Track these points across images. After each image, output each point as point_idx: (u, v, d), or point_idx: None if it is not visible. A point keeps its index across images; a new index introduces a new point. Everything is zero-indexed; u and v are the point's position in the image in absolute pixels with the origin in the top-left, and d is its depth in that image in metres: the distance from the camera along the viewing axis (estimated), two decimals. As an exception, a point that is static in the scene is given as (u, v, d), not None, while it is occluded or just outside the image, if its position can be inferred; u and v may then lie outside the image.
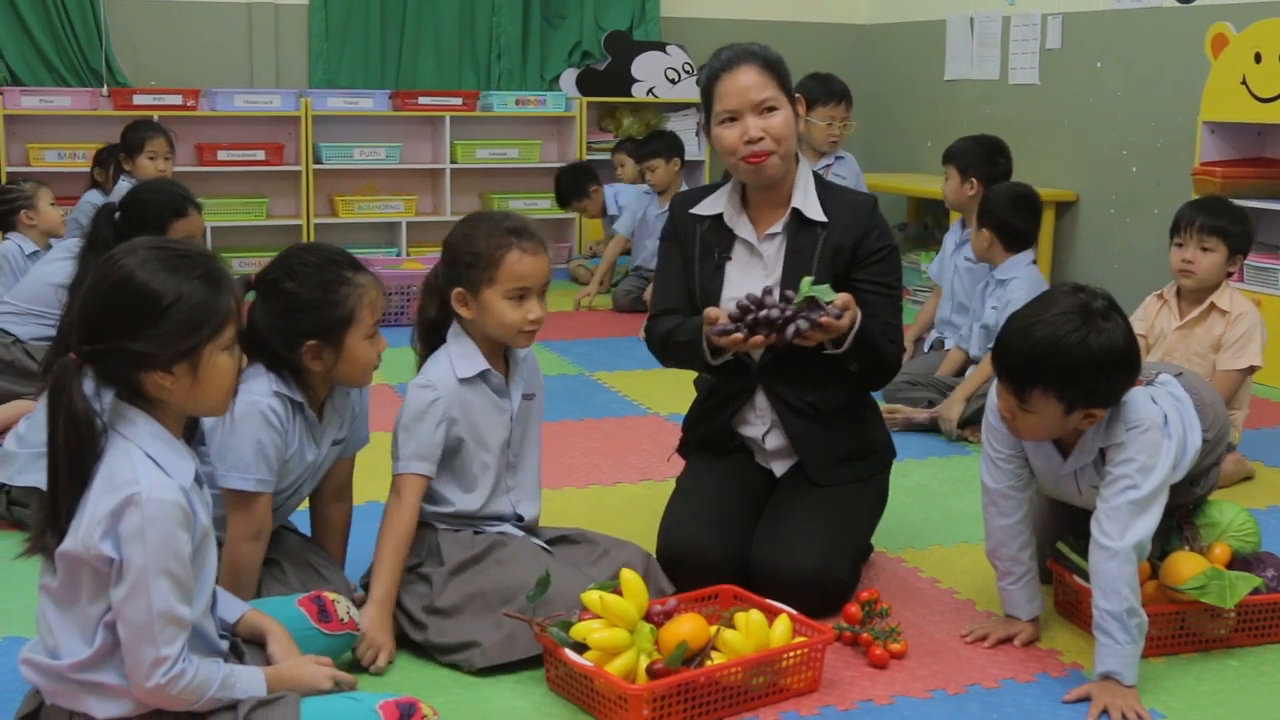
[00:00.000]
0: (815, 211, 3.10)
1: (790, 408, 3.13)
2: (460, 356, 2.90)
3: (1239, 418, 4.20)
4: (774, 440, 3.19)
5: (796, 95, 3.12)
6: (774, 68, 3.07)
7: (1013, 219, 4.68)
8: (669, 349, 3.17)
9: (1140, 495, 2.69)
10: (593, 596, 2.63)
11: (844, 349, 2.94)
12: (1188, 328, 4.20)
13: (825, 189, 3.16)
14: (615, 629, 2.58)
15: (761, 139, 3.02)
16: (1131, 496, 2.69)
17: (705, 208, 3.21)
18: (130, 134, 6.03)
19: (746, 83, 3.04)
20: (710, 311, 2.95)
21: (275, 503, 2.82)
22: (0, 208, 5.30)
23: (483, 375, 2.91)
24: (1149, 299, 4.37)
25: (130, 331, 2.15)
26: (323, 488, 2.96)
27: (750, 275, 3.12)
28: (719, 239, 3.17)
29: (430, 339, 2.97)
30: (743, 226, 3.16)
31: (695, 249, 3.19)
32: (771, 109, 3.04)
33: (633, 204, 7.24)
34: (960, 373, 4.89)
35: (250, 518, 2.71)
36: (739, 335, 2.86)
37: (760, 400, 3.17)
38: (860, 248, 3.08)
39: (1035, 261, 4.79)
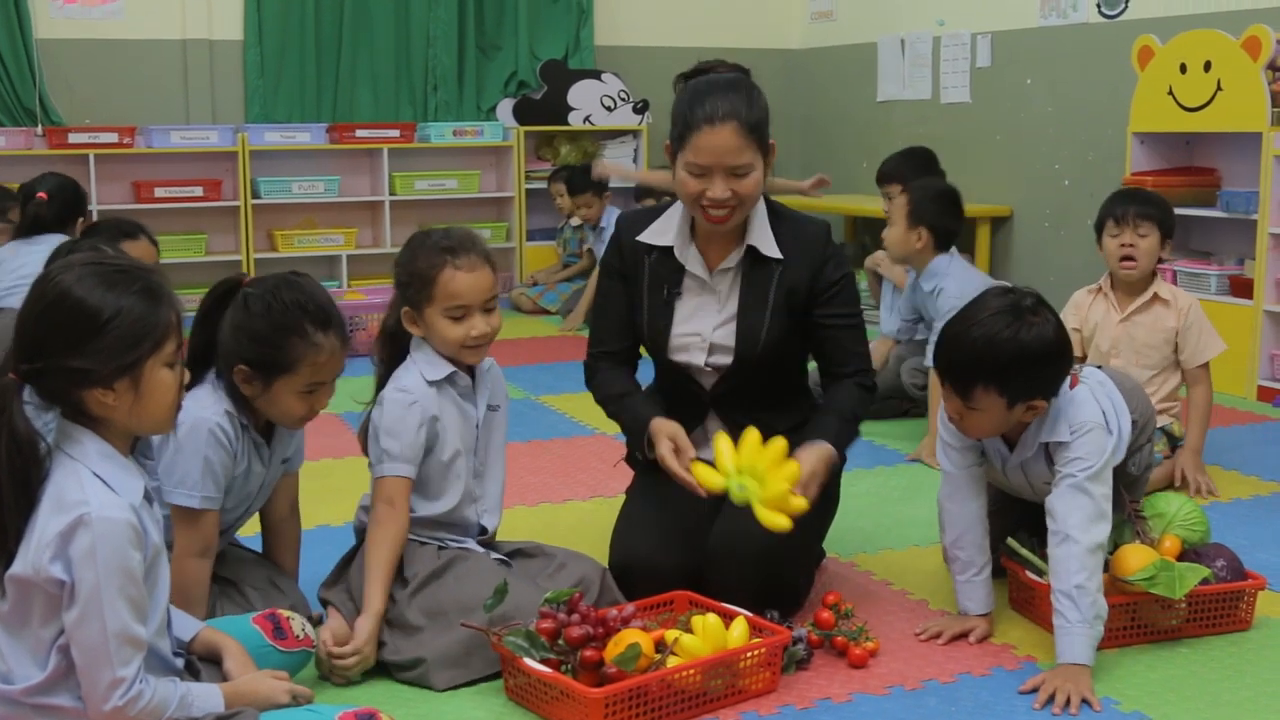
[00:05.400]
0: (770, 248, 3.03)
1: (744, 428, 3.14)
2: (426, 363, 2.91)
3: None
4: None
5: (771, 141, 2.98)
6: (756, 129, 2.90)
7: (949, 220, 4.61)
8: (609, 414, 3.17)
9: (1077, 481, 2.81)
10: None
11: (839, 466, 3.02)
12: (1131, 319, 4.20)
13: (779, 219, 3.08)
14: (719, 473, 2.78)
15: (727, 198, 2.91)
16: (1070, 483, 2.82)
17: (653, 236, 3.11)
18: None
19: (724, 145, 2.87)
20: (665, 451, 2.89)
21: (225, 521, 2.80)
22: None
23: (450, 378, 2.92)
24: (1078, 294, 4.34)
25: (69, 348, 2.13)
26: (274, 506, 2.94)
27: (702, 311, 3.09)
28: (668, 272, 3.09)
29: (389, 350, 2.97)
30: (693, 260, 3.08)
31: (644, 281, 3.12)
32: (744, 173, 2.91)
33: None
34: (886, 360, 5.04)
35: (196, 534, 2.69)
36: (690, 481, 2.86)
37: (712, 424, 3.17)
38: (817, 282, 3.03)
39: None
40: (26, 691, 2.17)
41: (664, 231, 3.10)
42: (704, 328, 3.07)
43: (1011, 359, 2.75)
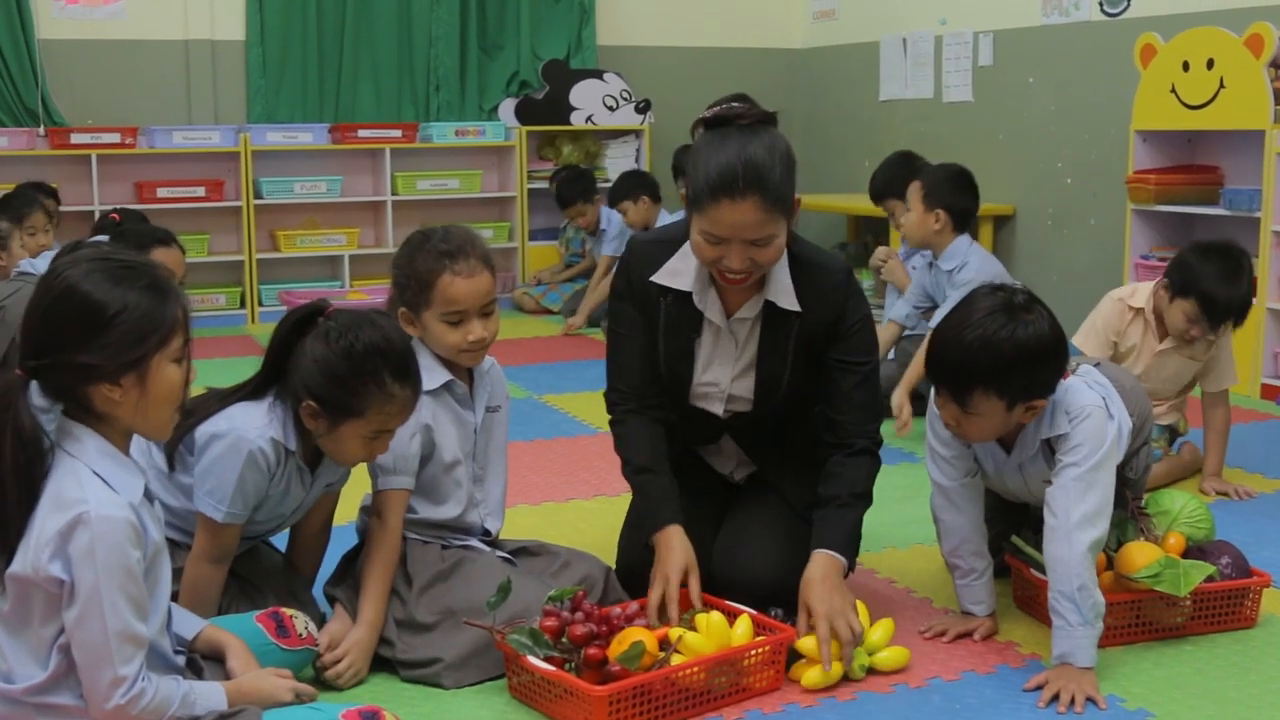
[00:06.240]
0: (789, 302, 2.88)
1: (761, 453, 3.14)
2: (422, 370, 2.88)
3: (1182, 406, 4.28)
4: (742, 473, 3.20)
5: (796, 197, 2.77)
6: (780, 199, 2.69)
7: (964, 199, 4.71)
8: (624, 476, 3.03)
9: (1081, 471, 2.75)
10: None
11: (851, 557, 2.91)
12: (1170, 352, 4.08)
13: (799, 265, 2.90)
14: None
15: (746, 267, 2.74)
16: (1074, 473, 2.75)
17: (669, 277, 2.92)
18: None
19: (744, 221, 2.67)
20: (671, 571, 2.80)
21: (255, 530, 2.80)
22: None
23: (446, 386, 2.91)
24: (1115, 306, 4.13)
25: (76, 344, 2.12)
26: (307, 520, 2.92)
27: (720, 358, 2.98)
28: (686, 317, 2.94)
29: None
30: (712, 307, 2.92)
31: (660, 323, 2.97)
32: (766, 243, 2.73)
33: (624, 228, 7.36)
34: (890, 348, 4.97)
35: (215, 542, 2.68)
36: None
37: (727, 444, 3.16)
38: (835, 328, 2.92)
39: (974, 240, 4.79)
40: (28, 691, 2.16)
41: (680, 272, 2.92)
42: (722, 377, 2.99)
43: (1010, 360, 2.67)
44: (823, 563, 2.82)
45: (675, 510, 2.91)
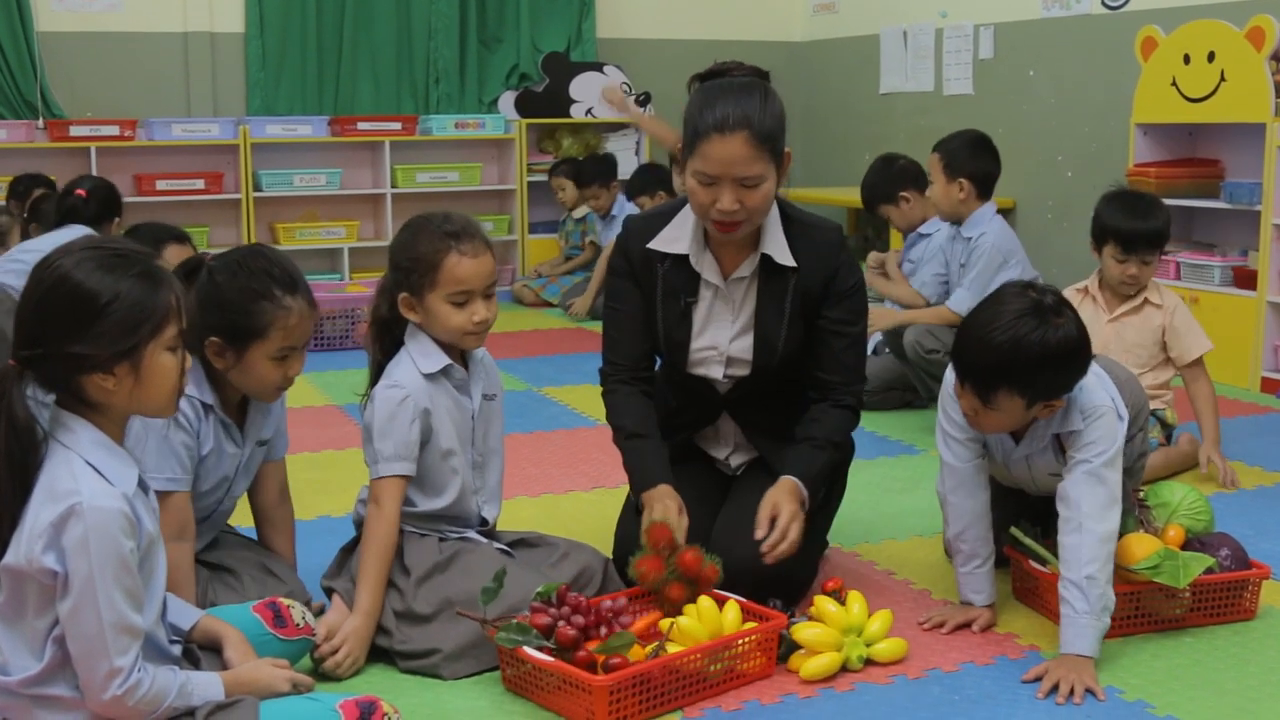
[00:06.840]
0: (785, 257, 2.95)
1: (759, 431, 3.14)
2: (421, 354, 2.88)
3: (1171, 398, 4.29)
4: (738, 459, 3.20)
5: (786, 150, 2.86)
6: (769, 138, 2.78)
7: (985, 164, 4.75)
8: (615, 444, 3.07)
9: (1094, 466, 2.77)
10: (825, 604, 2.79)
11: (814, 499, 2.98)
12: (1120, 321, 4.18)
13: (791, 223, 2.99)
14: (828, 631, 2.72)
15: (735, 210, 2.82)
16: (1086, 469, 2.78)
17: (665, 243, 3.01)
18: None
19: (733, 155, 2.76)
20: (659, 516, 2.85)
21: (209, 503, 2.81)
22: None
23: (445, 371, 2.90)
24: (1069, 292, 4.21)
25: (69, 333, 2.11)
26: (263, 493, 2.95)
27: (717, 320, 3.03)
28: (683, 281, 3.01)
29: (384, 339, 2.94)
30: (708, 268, 3.00)
31: (658, 290, 3.03)
32: (754, 185, 2.81)
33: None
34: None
35: (168, 517, 2.64)
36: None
37: (725, 426, 3.17)
38: (829, 288, 2.98)
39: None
40: (24, 683, 2.16)
41: (676, 238, 3.01)
42: (720, 340, 3.02)
43: (1038, 363, 2.69)
44: (789, 484, 2.92)
45: (664, 470, 2.96)
